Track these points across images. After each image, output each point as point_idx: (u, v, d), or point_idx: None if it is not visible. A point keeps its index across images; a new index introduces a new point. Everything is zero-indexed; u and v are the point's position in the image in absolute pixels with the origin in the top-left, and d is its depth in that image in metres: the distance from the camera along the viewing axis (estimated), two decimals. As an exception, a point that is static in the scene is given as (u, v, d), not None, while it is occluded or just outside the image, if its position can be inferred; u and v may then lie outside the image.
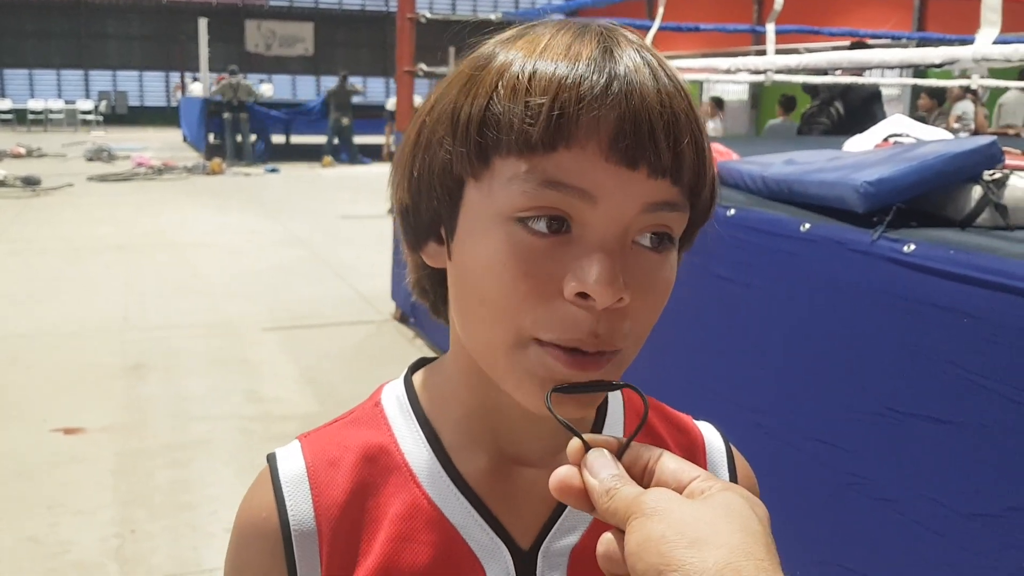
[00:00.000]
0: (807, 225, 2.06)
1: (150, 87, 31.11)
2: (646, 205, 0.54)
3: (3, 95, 28.68)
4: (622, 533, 0.48)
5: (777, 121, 8.21)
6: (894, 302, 1.81)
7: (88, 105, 27.86)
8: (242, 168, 15.18)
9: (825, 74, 6.07)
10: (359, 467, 0.65)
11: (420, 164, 0.59)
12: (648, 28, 4.10)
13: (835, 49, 6.77)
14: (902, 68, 7.46)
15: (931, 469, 1.74)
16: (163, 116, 28.93)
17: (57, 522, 3.00)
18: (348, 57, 29.05)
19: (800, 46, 8.52)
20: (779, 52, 3.93)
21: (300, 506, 0.64)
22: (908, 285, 1.78)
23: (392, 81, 24.24)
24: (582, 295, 0.53)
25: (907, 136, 3.35)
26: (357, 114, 16.73)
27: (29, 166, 14.40)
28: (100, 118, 27.34)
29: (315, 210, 10.49)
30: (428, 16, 5.15)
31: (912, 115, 7.52)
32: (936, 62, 2.41)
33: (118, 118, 28.84)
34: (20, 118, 26.39)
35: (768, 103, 15.53)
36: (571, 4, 7.77)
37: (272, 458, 0.68)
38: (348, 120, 16.34)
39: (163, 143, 20.54)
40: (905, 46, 9.39)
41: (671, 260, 0.58)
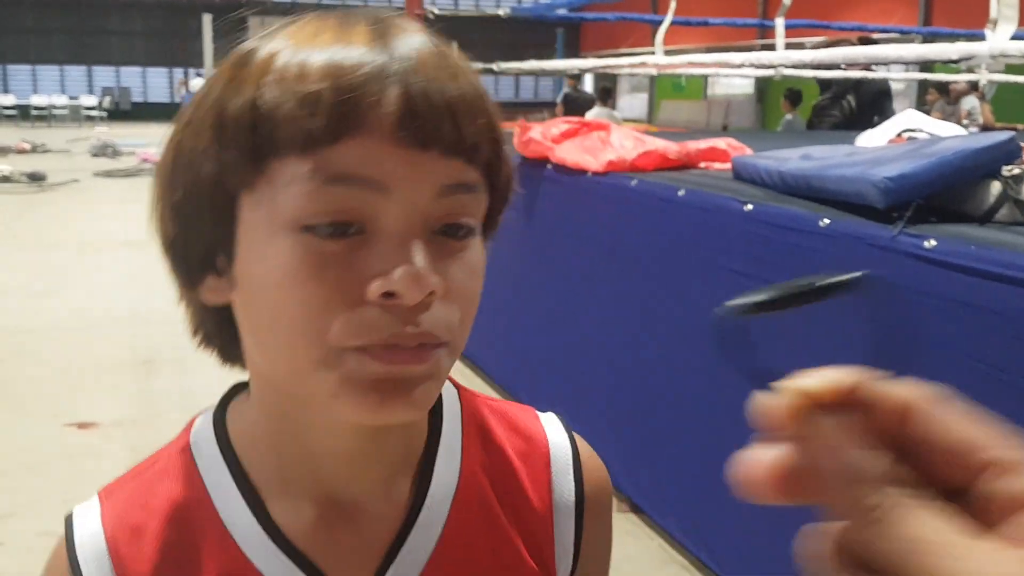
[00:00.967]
0: (826, 220, 2.06)
1: (153, 83, 31.14)
2: (442, 188, 0.51)
3: (6, 91, 28.74)
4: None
5: (788, 117, 8.21)
6: (915, 298, 1.82)
7: (92, 101, 27.90)
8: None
9: (835, 69, 6.07)
10: (167, 532, 0.59)
11: (184, 186, 0.53)
12: (652, 22, 4.10)
13: (837, 45, 6.76)
14: (912, 64, 7.45)
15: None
16: (166, 112, 28.74)
17: (73, 517, 3.01)
18: (352, 53, 28.92)
19: (806, 40, 8.52)
20: (787, 47, 3.93)
21: None
22: (929, 281, 1.78)
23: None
24: (388, 295, 0.49)
25: (921, 132, 3.36)
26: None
27: (34, 162, 14.43)
28: (104, 114, 27.37)
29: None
30: (436, 12, 5.16)
31: (920, 109, 7.52)
32: (954, 57, 2.42)
33: (121, 114, 28.85)
34: (24, 114, 26.43)
35: (774, 97, 15.51)
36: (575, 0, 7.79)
37: (69, 524, 0.62)
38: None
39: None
40: (912, 40, 9.38)
41: (476, 246, 0.54)
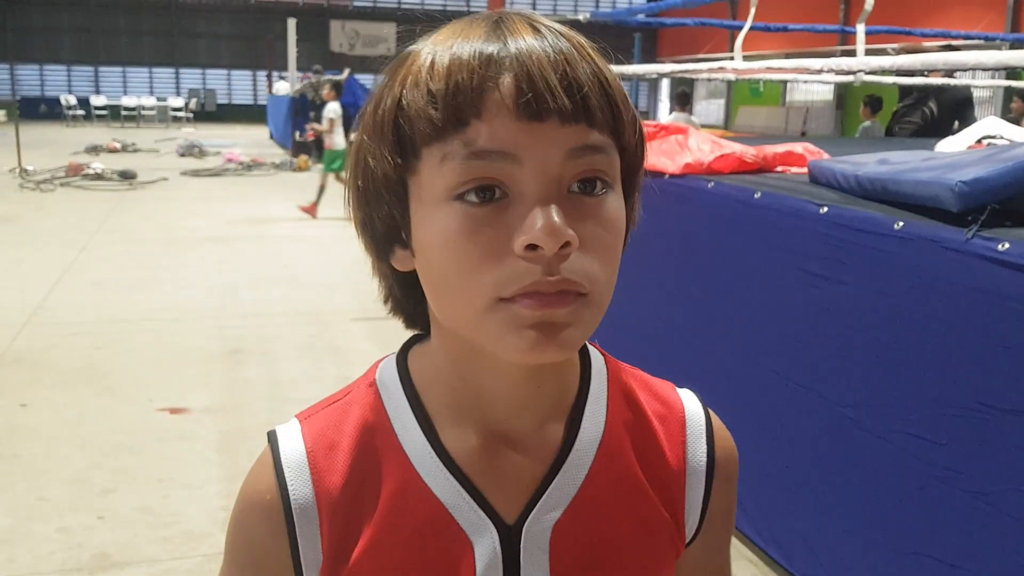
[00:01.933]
0: (900, 223, 2.10)
1: (238, 85, 31.98)
2: (569, 152, 0.57)
3: (98, 92, 29.82)
4: None
5: (867, 123, 8.08)
6: (987, 299, 1.85)
7: (179, 102, 28.81)
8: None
9: (917, 75, 5.99)
10: (356, 450, 0.68)
11: (363, 177, 0.63)
12: (734, 28, 4.13)
13: (920, 51, 6.66)
14: (996, 70, 7.30)
15: (1023, 463, 1.77)
16: (250, 113, 29.70)
17: (168, 494, 3.19)
18: (430, 56, 29.14)
19: (888, 46, 8.40)
20: (867, 53, 3.93)
21: (301, 489, 0.67)
22: (1002, 283, 1.81)
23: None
24: (531, 247, 0.56)
25: (1000, 138, 3.34)
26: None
27: (124, 160, 15.00)
28: (190, 115, 28.23)
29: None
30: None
31: (1005, 118, 7.36)
32: (1034, 64, 2.41)
33: (207, 115, 29.73)
34: (114, 114, 27.41)
35: (854, 104, 15.25)
36: (657, 5, 7.83)
37: (273, 438, 0.71)
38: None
39: (251, 140, 21.13)
40: (999, 47, 9.18)
41: (613, 202, 0.60)
